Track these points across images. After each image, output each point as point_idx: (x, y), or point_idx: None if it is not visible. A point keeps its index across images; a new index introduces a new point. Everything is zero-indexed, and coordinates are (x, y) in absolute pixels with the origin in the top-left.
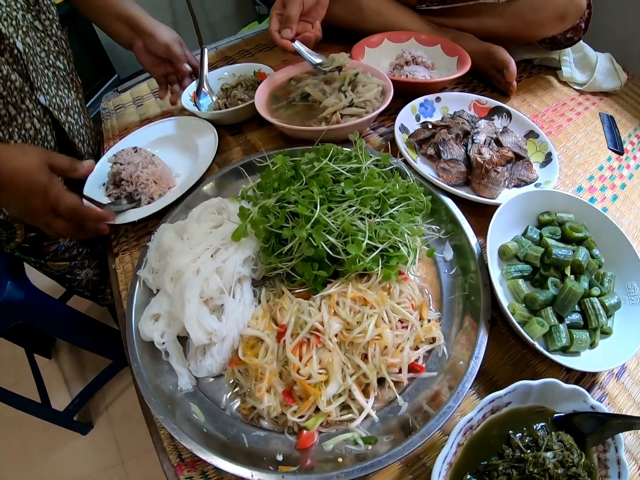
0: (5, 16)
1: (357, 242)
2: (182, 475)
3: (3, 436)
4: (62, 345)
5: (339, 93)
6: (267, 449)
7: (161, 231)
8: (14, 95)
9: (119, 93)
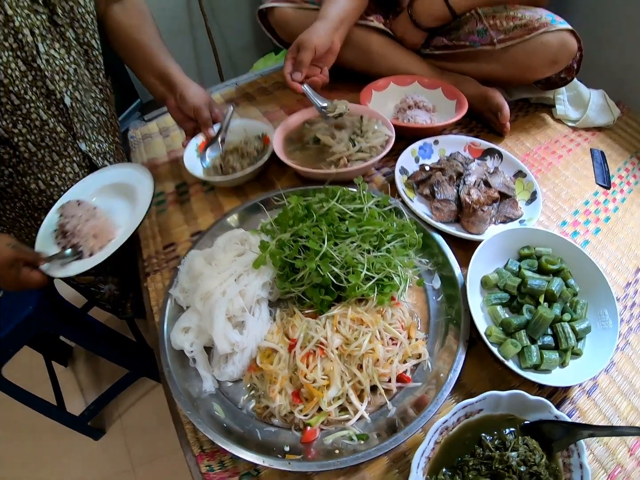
0: (57, 70)
1: (357, 273)
2: (203, 463)
3: (16, 440)
4: (79, 354)
5: (349, 141)
6: (277, 441)
7: (192, 257)
8: (57, 144)
9: (145, 122)
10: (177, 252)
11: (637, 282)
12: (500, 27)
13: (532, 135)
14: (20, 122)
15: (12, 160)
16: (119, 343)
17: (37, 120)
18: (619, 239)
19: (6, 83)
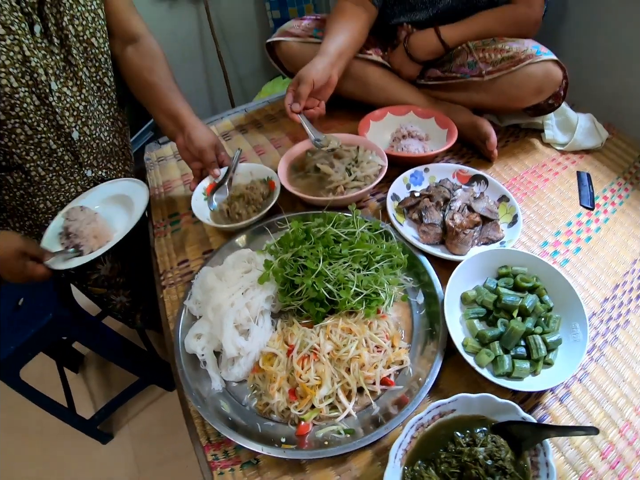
0: (68, 107)
1: (347, 289)
2: (209, 453)
3: (24, 441)
4: (89, 362)
5: (345, 171)
6: (275, 434)
7: (204, 273)
8: (65, 170)
9: (160, 145)
10: (191, 268)
11: (615, 297)
12: (489, 60)
13: (520, 160)
14: (32, 150)
15: (24, 183)
16: (130, 351)
17: (47, 148)
18: (599, 257)
19: (21, 115)
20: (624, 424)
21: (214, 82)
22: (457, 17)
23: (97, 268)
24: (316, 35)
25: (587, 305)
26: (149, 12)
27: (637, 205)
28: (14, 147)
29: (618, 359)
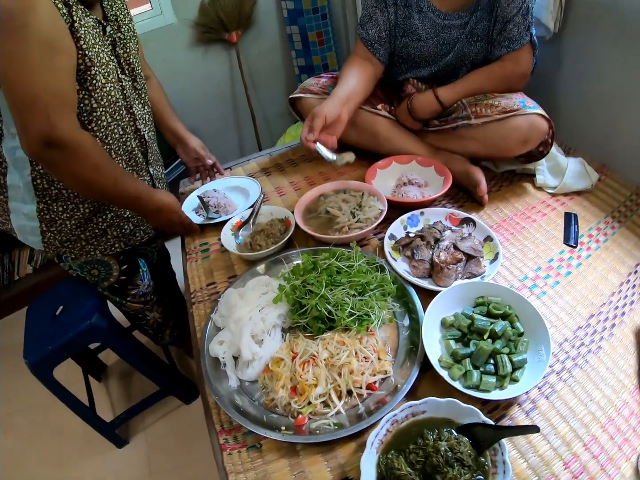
0: (141, 116)
1: (343, 310)
2: (222, 437)
3: (44, 440)
4: (112, 372)
5: (350, 214)
6: (277, 423)
7: (229, 293)
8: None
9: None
10: (217, 289)
11: (589, 325)
12: (480, 114)
13: (511, 203)
14: (120, 148)
15: None
16: (154, 363)
17: (129, 147)
18: (576, 290)
19: (118, 119)
20: (590, 439)
21: (243, 122)
22: (455, 72)
23: (136, 284)
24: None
25: (560, 332)
26: (186, 56)
27: (622, 242)
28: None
29: (587, 381)
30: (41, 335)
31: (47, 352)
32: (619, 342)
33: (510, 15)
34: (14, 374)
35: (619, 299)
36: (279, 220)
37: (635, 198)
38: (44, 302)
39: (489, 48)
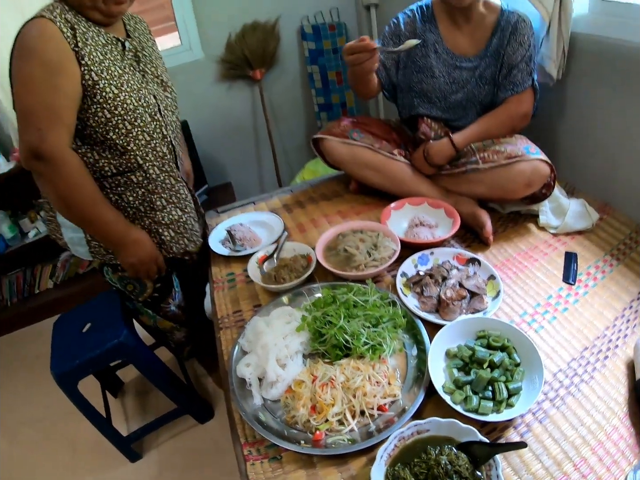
0: (168, 122)
1: (359, 340)
2: (246, 449)
3: (55, 451)
4: (128, 389)
5: (366, 253)
6: (297, 438)
7: (256, 320)
8: (173, 171)
9: (219, 214)
10: (242, 317)
11: (583, 357)
12: (487, 159)
13: (515, 243)
14: (150, 153)
15: (144, 182)
16: (174, 381)
17: (160, 152)
18: (572, 325)
19: (141, 125)
20: (580, 460)
21: (263, 154)
22: (464, 110)
23: (169, 302)
24: (351, 137)
25: (555, 363)
26: (212, 90)
27: (620, 279)
28: (137, 150)
29: (579, 407)
30: (69, 349)
31: (74, 366)
32: (610, 373)
33: (516, 62)
34: (29, 384)
35: (613, 332)
36: (301, 256)
37: (635, 236)
38: (72, 318)
39: (495, 90)
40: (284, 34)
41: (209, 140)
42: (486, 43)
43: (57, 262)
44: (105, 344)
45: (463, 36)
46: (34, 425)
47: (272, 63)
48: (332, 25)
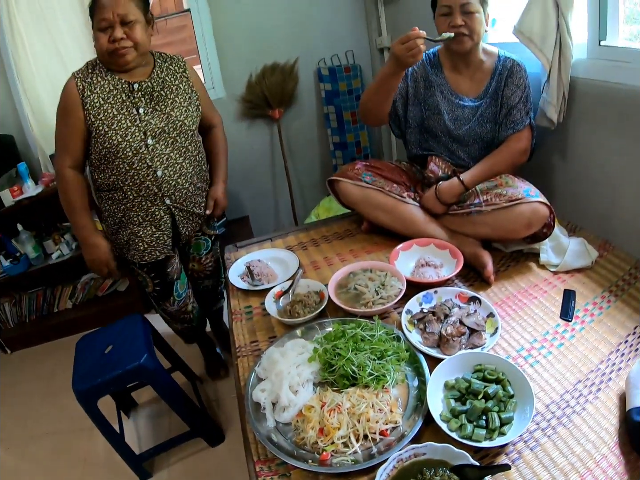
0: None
1: (364, 371)
2: (258, 466)
3: (67, 467)
4: (141, 410)
5: (374, 291)
6: (306, 457)
7: (272, 351)
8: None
9: (237, 248)
10: (259, 347)
11: (576, 390)
12: (490, 202)
13: (516, 282)
14: (128, 179)
15: (123, 200)
16: (188, 404)
17: (138, 180)
18: (567, 359)
19: (123, 157)
20: None
21: (280, 189)
22: (467, 146)
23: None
24: (364, 180)
25: (548, 395)
26: (233, 128)
27: (616, 315)
28: (118, 175)
29: (569, 437)
30: (91, 368)
31: (95, 384)
32: (602, 404)
33: (514, 103)
34: (42, 399)
35: (607, 366)
36: (314, 292)
37: (634, 272)
38: (95, 338)
39: (496, 128)
40: (302, 75)
41: (229, 175)
42: (486, 85)
43: (77, 283)
44: (126, 365)
45: (465, 79)
46: (45, 439)
47: (290, 103)
48: (348, 67)
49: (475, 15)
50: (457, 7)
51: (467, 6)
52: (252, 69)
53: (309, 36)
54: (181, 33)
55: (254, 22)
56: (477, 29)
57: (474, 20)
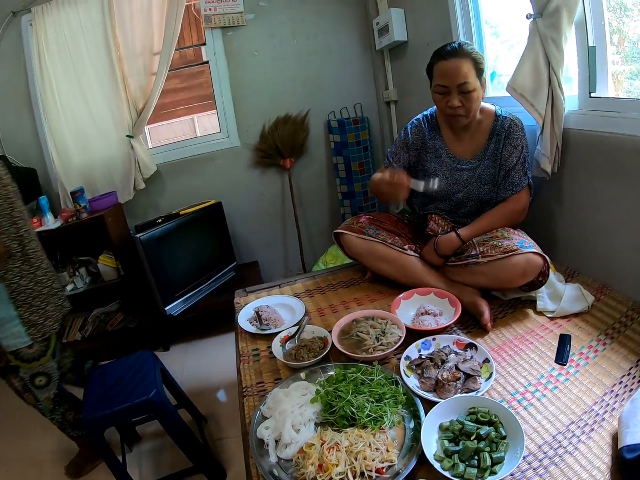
0: None
1: (362, 412)
2: None
3: None
4: (144, 444)
5: (375, 338)
6: None
7: (276, 391)
8: None
9: (247, 293)
10: (264, 387)
11: (568, 430)
12: (486, 254)
13: (512, 328)
14: None
15: None
16: (192, 440)
17: None
18: (560, 401)
19: None
20: None
21: (289, 236)
22: (466, 207)
23: None
24: (368, 233)
25: (541, 436)
26: (245, 175)
27: (612, 357)
28: None
29: (561, 476)
30: (100, 399)
31: (104, 414)
32: (595, 444)
33: (512, 165)
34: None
35: (601, 407)
36: (319, 338)
37: (630, 313)
38: (107, 371)
39: (494, 189)
40: (313, 127)
41: (241, 221)
42: (483, 147)
43: (88, 316)
44: (135, 399)
45: (463, 142)
46: (32, 464)
47: (301, 153)
48: (356, 120)
49: (472, 94)
50: (455, 88)
51: (464, 86)
52: (266, 119)
53: (320, 90)
54: (199, 78)
55: (269, 76)
56: (474, 108)
57: (471, 99)
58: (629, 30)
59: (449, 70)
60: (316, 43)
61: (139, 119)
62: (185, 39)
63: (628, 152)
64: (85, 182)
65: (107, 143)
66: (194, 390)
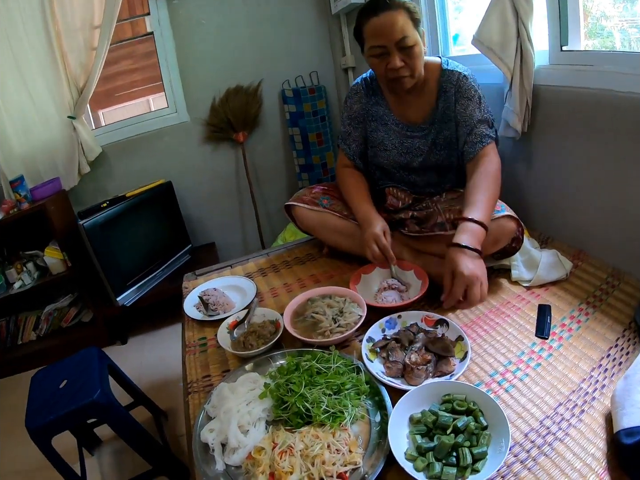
0: None
1: (319, 408)
2: None
3: None
4: (106, 447)
5: (332, 319)
6: None
7: (221, 386)
8: None
9: (196, 277)
10: (211, 382)
11: (557, 414)
12: (452, 219)
13: (487, 300)
14: None
15: None
16: (149, 442)
17: None
18: (545, 380)
19: None
20: None
21: (246, 214)
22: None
23: None
24: (321, 204)
25: (527, 422)
26: (196, 152)
27: (596, 327)
28: None
29: (553, 467)
30: (44, 405)
31: (47, 421)
32: (587, 428)
33: (472, 117)
34: (5, 435)
35: (590, 384)
36: (270, 321)
37: (611, 280)
38: (49, 374)
39: (453, 153)
40: (266, 98)
41: (194, 201)
42: (432, 109)
43: (41, 314)
44: (79, 401)
45: (409, 105)
46: (7, 477)
47: (255, 126)
48: (312, 89)
49: (414, 49)
50: (393, 46)
51: (404, 41)
52: (216, 92)
53: (273, 58)
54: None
55: (218, 45)
56: (419, 65)
57: (414, 56)
58: (593, 6)
59: (384, 26)
60: (268, 9)
61: (80, 98)
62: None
63: (604, 107)
64: (28, 170)
65: (48, 126)
66: (154, 384)
